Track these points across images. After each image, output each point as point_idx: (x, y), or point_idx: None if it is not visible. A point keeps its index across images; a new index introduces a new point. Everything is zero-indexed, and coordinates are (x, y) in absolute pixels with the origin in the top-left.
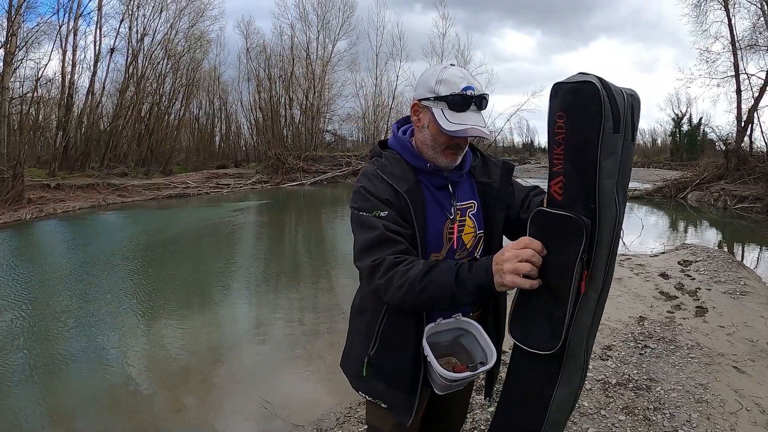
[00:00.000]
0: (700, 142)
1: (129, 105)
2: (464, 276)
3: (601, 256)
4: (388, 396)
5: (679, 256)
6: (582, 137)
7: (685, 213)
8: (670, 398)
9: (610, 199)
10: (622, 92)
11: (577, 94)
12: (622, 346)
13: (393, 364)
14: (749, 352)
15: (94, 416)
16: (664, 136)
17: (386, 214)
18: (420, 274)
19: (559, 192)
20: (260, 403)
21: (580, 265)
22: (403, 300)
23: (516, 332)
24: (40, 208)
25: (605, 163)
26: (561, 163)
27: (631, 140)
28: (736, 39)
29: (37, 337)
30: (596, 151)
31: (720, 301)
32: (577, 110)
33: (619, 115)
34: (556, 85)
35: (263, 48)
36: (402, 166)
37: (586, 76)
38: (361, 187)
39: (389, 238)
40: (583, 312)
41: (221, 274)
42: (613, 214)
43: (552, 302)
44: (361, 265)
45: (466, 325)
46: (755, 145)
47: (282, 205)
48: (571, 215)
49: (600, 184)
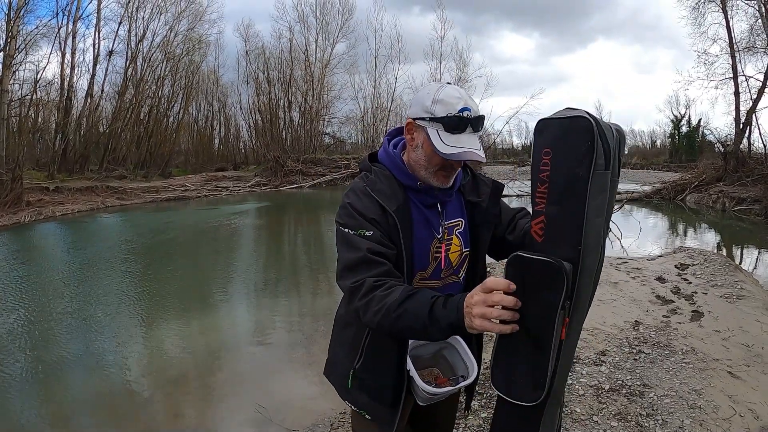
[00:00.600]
0: (698, 144)
1: (128, 107)
2: (438, 312)
3: (583, 298)
4: (372, 408)
5: (676, 259)
6: (570, 175)
7: (684, 215)
8: (663, 404)
9: (597, 238)
10: (610, 128)
11: (567, 129)
12: (617, 352)
13: (377, 378)
14: (744, 357)
15: (91, 421)
16: (663, 137)
17: (371, 233)
18: (396, 302)
19: (539, 233)
20: (255, 408)
21: (561, 314)
22: (380, 325)
23: (499, 383)
24: (39, 210)
25: (594, 203)
26: (543, 202)
27: (616, 176)
28: (734, 41)
29: (36, 341)
30: (586, 189)
31: (716, 305)
32: (566, 147)
33: (609, 151)
34: (543, 121)
35: (262, 51)
36: (391, 183)
37: (576, 111)
38: (348, 204)
39: (372, 260)
40: (565, 356)
41: (219, 278)
42: (598, 252)
43: (534, 351)
44: (342, 284)
45: (449, 339)
46: (754, 147)
47: (281, 208)
48: (550, 260)
49: (588, 225)
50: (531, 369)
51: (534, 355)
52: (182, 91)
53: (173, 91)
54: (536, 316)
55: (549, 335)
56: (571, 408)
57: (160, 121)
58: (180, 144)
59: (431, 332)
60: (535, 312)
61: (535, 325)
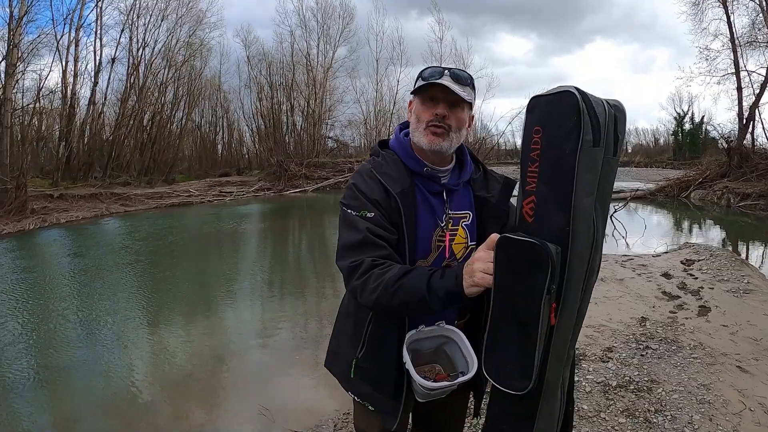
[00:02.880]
0: (702, 141)
1: (130, 114)
2: (436, 283)
3: (574, 283)
4: (374, 399)
5: (681, 255)
6: (558, 152)
7: (689, 212)
8: (672, 400)
9: (586, 219)
10: (603, 103)
11: (554, 105)
12: (624, 348)
13: (378, 368)
14: (753, 351)
15: (95, 424)
16: (666, 135)
17: (373, 215)
18: (394, 277)
19: (530, 213)
20: (258, 410)
21: (548, 298)
22: (377, 302)
23: (490, 369)
24: (44, 218)
25: (583, 180)
26: (534, 182)
27: (613, 154)
28: (735, 36)
29: (41, 345)
30: (573, 166)
31: (723, 299)
32: (554, 123)
33: (599, 126)
34: (534, 99)
35: (264, 55)
36: (398, 167)
37: (564, 87)
38: (353, 184)
39: (372, 241)
40: (558, 345)
41: (224, 282)
42: (590, 236)
43: (523, 337)
44: (341, 264)
45: (449, 333)
46: (757, 142)
47: (285, 213)
48: (535, 242)
49: (576, 203)
50: (519, 356)
51: (522, 340)
52: (184, 97)
53: (176, 98)
54: (523, 299)
55: (536, 320)
56: (578, 405)
57: (163, 128)
58: (183, 150)
59: (429, 303)
60: (522, 295)
61: (523, 309)
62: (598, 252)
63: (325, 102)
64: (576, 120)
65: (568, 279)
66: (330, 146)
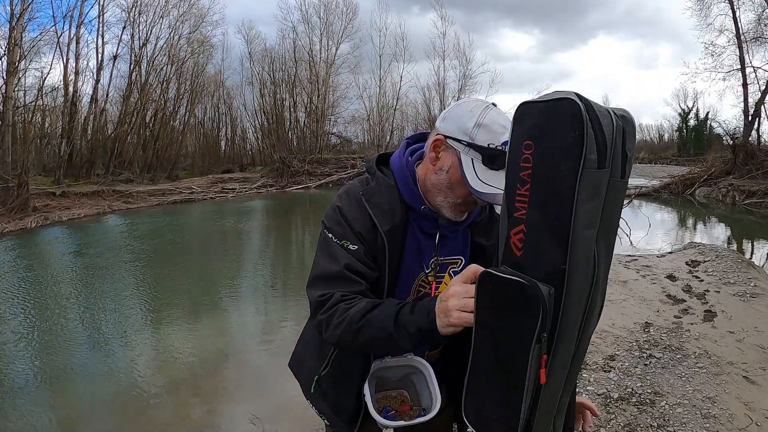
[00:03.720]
0: (707, 137)
1: (133, 111)
2: (405, 317)
3: (569, 330)
4: (331, 418)
5: (686, 255)
6: (555, 173)
7: (693, 210)
8: (676, 414)
9: (586, 254)
10: (609, 113)
11: (550, 115)
12: (626, 356)
13: (338, 392)
14: (760, 359)
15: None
16: (670, 131)
17: (356, 248)
18: (360, 312)
19: (519, 245)
20: (249, 418)
21: (537, 348)
22: (341, 339)
23: (470, 415)
24: (46, 215)
25: (584, 209)
26: (524, 207)
27: (620, 177)
28: (741, 32)
29: (43, 344)
30: (573, 191)
31: (729, 304)
32: (550, 137)
33: (605, 143)
34: (523, 106)
35: (267, 52)
36: (393, 197)
37: (563, 93)
38: (338, 207)
39: (348, 277)
40: (547, 399)
41: (226, 282)
42: (588, 277)
43: (507, 386)
44: (310, 293)
45: (417, 364)
46: (763, 139)
47: (287, 209)
48: (523, 281)
49: (575, 236)
50: (503, 405)
51: (506, 390)
52: (187, 93)
53: (178, 94)
54: (508, 345)
55: (522, 372)
56: None
57: (165, 124)
58: (186, 147)
59: (398, 341)
60: (507, 340)
61: (508, 357)
62: (598, 291)
63: (328, 98)
64: (577, 134)
65: (561, 326)
66: (333, 142)
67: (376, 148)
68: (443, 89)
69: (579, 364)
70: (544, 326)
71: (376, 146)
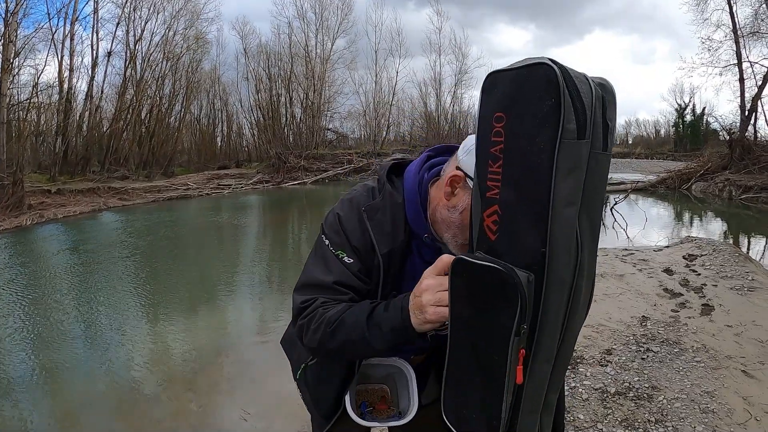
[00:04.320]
0: (703, 132)
1: (128, 108)
2: (378, 316)
3: (551, 321)
4: (309, 407)
5: (683, 249)
6: (529, 146)
7: (690, 204)
8: (674, 409)
9: (568, 236)
10: (587, 80)
11: (523, 83)
12: (623, 350)
13: (320, 386)
14: (758, 354)
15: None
16: (667, 126)
17: (351, 261)
18: (335, 314)
19: (492, 228)
20: (240, 414)
21: (516, 341)
22: (319, 344)
23: (449, 413)
24: (41, 213)
25: (564, 184)
26: (497, 186)
27: (602, 149)
28: (737, 27)
29: (39, 341)
30: (551, 165)
31: (727, 297)
32: (523, 106)
33: (584, 111)
34: (492, 75)
35: (262, 47)
36: (396, 217)
37: (535, 59)
38: (338, 215)
39: (337, 290)
40: (531, 396)
41: (222, 278)
42: (572, 260)
43: (486, 383)
44: (295, 297)
45: (402, 366)
46: (759, 134)
47: (284, 205)
48: (499, 267)
49: (554, 217)
50: (482, 403)
51: (485, 386)
52: (182, 90)
53: (174, 91)
54: (485, 338)
55: (501, 368)
56: (574, 414)
57: (161, 121)
58: (182, 143)
59: (371, 341)
60: (484, 333)
61: (485, 351)
62: (583, 277)
63: (324, 94)
64: (554, 102)
65: (543, 316)
66: (329, 138)
67: (372, 144)
68: (439, 84)
69: (566, 358)
70: (524, 317)
71: (372, 141)
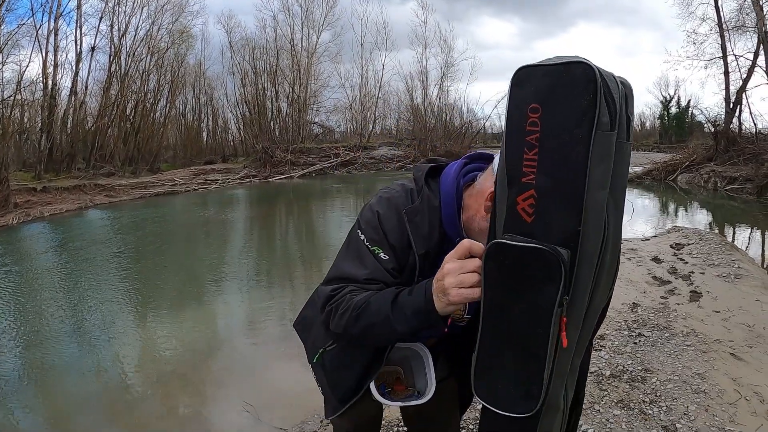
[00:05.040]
0: (688, 125)
1: (113, 103)
2: (402, 299)
3: (581, 290)
4: (325, 390)
5: (671, 239)
6: (567, 137)
7: (676, 195)
8: (666, 390)
9: (599, 216)
10: (614, 78)
11: (560, 79)
12: (616, 335)
13: (339, 371)
14: (746, 337)
15: (79, 422)
16: (652, 119)
17: (387, 258)
18: (363, 299)
19: (529, 211)
20: (243, 406)
21: (558, 312)
22: (345, 329)
23: (483, 393)
24: (27, 211)
25: (597, 171)
26: (533, 172)
27: (626, 138)
28: (723, 20)
29: (28, 341)
30: (587, 155)
31: (714, 284)
32: (562, 101)
33: (615, 106)
34: (525, 70)
35: (247, 41)
36: (433, 220)
37: (571, 57)
38: (378, 213)
39: (368, 284)
40: (561, 361)
41: (209, 272)
42: (600, 237)
43: (525, 358)
44: (323, 289)
45: (419, 349)
46: (744, 126)
47: (271, 199)
48: (543, 247)
49: (588, 200)
50: (521, 377)
51: (525, 361)
52: (168, 84)
53: (159, 86)
54: (525, 317)
55: (544, 340)
56: None
57: (146, 116)
58: (168, 138)
59: (394, 324)
60: (522, 313)
61: (525, 328)
62: (608, 251)
63: (310, 87)
64: (592, 98)
65: (574, 287)
66: (316, 132)
67: (359, 137)
68: (426, 77)
69: (592, 324)
70: (566, 290)
71: (358, 135)
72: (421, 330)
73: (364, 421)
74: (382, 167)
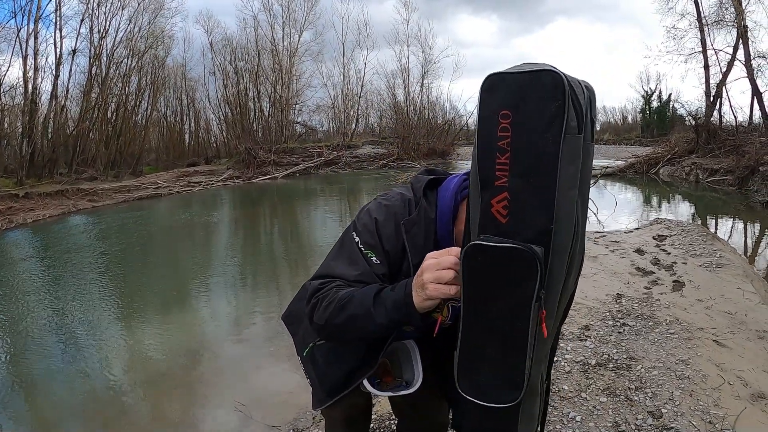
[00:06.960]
0: (670, 118)
1: (94, 107)
2: (384, 294)
3: (555, 281)
4: (313, 383)
5: (653, 231)
6: (537, 141)
7: (658, 188)
8: (652, 376)
9: (569, 214)
10: (580, 84)
11: (529, 86)
12: (601, 325)
13: (329, 366)
14: (728, 324)
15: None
16: (634, 113)
17: (379, 263)
18: (348, 293)
19: (503, 213)
20: (235, 405)
21: (536, 306)
22: (328, 320)
23: (467, 389)
24: (9, 218)
25: (567, 172)
26: (505, 176)
27: (590, 140)
28: (702, 15)
29: (14, 350)
30: (556, 157)
31: (696, 274)
32: (531, 106)
33: (581, 111)
34: (494, 77)
35: (228, 41)
36: (429, 232)
37: (538, 65)
38: (375, 218)
39: (353, 284)
40: (539, 349)
41: (195, 274)
42: (570, 233)
43: (505, 351)
44: (312, 282)
45: (406, 341)
46: (724, 119)
47: (255, 200)
48: (519, 246)
49: (559, 199)
50: (502, 369)
51: (505, 354)
52: (149, 87)
53: (140, 88)
54: (504, 313)
55: (523, 333)
56: (559, 386)
57: (128, 119)
58: (150, 141)
59: (375, 316)
60: (502, 309)
61: (506, 325)
62: (578, 243)
63: (292, 87)
64: (560, 104)
65: (548, 279)
66: (299, 131)
67: (342, 136)
68: (408, 75)
69: (564, 312)
70: (543, 284)
71: (341, 134)
72: (401, 323)
73: (355, 411)
74: (366, 166)
